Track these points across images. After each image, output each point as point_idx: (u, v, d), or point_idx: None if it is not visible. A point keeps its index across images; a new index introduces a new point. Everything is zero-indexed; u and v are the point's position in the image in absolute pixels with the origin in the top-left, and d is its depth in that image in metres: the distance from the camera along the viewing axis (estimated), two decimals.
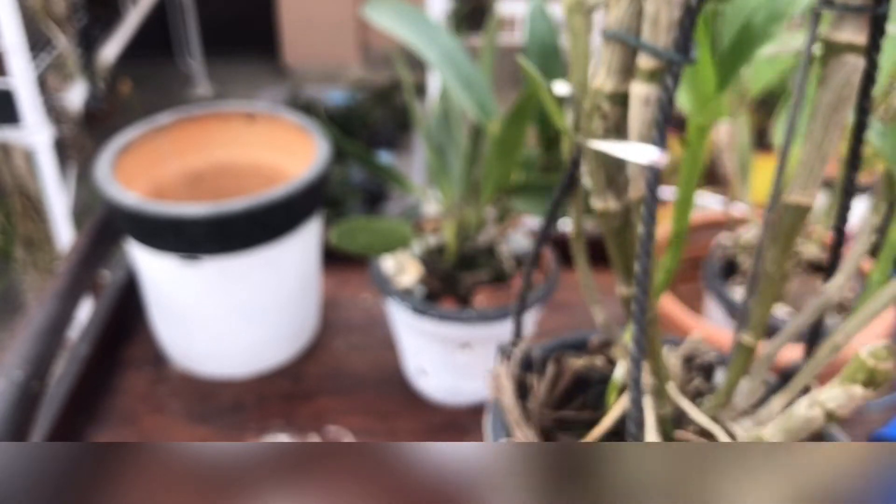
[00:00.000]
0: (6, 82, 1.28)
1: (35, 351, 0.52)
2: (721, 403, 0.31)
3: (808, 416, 0.26)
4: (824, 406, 0.25)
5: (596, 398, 0.34)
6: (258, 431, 0.58)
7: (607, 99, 0.26)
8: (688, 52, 0.24)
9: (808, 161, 0.26)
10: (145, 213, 0.53)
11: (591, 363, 0.36)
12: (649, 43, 0.24)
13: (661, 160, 0.25)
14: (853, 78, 0.24)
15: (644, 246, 0.25)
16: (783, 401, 0.30)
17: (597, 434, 0.31)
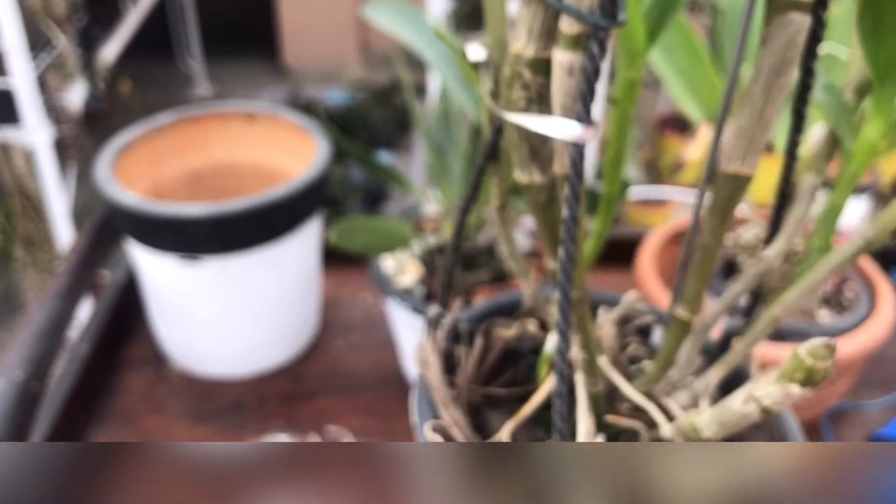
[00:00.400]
0: (6, 82, 1.28)
1: (35, 351, 0.52)
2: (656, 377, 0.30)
3: (744, 412, 0.25)
4: (760, 402, 0.24)
5: (527, 370, 0.33)
6: (258, 431, 0.58)
7: (528, 66, 0.23)
8: (615, 14, 0.21)
9: (747, 128, 0.24)
10: (145, 213, 0.53)
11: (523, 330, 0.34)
12: (572, 5, 0.22)
13: (587, 137, 0.22)
14: (798, 38, 0.22)
15: (568, 230, 0.23)
16: (719, 373, 0.29)
17: (525, 413, 0.29)
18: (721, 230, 0.26)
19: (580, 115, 0.22)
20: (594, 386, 0.29)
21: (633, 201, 1.57)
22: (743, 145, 0.24)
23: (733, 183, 0.25)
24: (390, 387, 0.61)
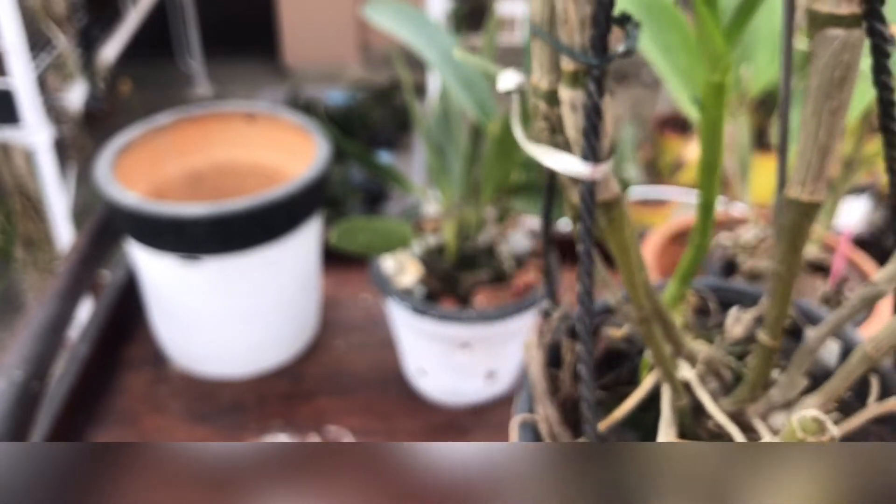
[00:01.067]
0: (6, 82, 1.28)
1: (35, 351, 0.52)
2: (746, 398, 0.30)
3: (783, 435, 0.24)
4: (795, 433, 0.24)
5: (631, 372, 0.32)
6: (258, 431, 0.58)
7: (544, 98, 0.23)
8: (605, 52, 0.21)
9: (804, 154, 0.23)
10: (145, 213, 0.53)
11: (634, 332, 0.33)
12: (564, 44, 0.21)
13: (595, 174, 0.22)
14: (844, 56, 0.21)
15: (584, 265, 0.23)
16: (818, 400, 0.28)
17: (618, 415, 0.29)
18: (791, 257, 0.26)
19: (586, 152, 0.22)
20: (678, 400, 0.29)
21: (633, 201, 1.57)
22: (803, 171, 0.23)
23: (796, 209, 0.24)
24: (390, 387, 0.61)
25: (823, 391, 0.28)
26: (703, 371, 0.30)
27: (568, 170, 0.23)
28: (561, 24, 0.21)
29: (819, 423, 0.22)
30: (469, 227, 0.55)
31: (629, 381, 0.32)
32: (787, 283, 0.27)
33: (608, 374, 0.33)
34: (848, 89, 0.21)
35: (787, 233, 0.25)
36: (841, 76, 0.21)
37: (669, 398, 0.29)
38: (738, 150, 0.58)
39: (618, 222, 0.25)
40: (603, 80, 0.21)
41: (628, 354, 0.33)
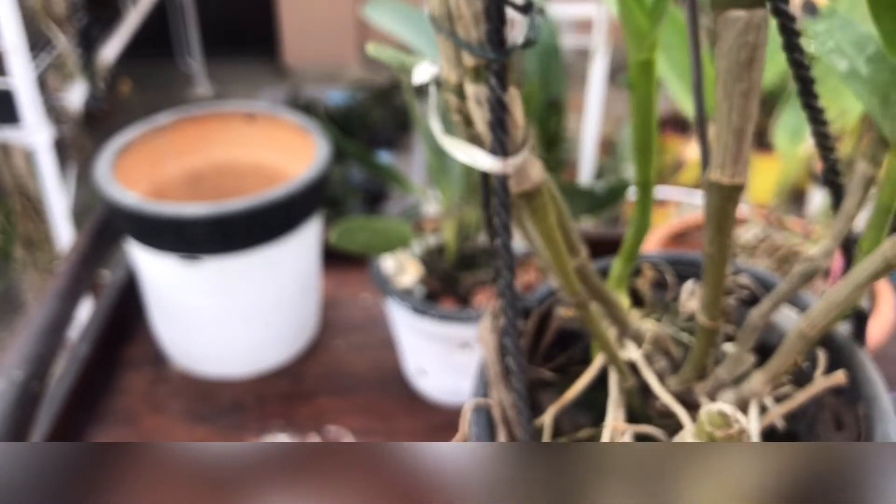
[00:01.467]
0: (6, 82, 1.28)
1: (35, 351, 0.52)
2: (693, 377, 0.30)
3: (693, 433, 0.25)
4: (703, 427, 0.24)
5: (583, 352, 0.32)
6: (258, 431, 0.58)
7: (454, 92, 0.23)
8: (502, 45, 0.20)
9: (721, 137, 0.23)
10: (145, 213, 0.53)
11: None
12: (461, 38, 0.21)
13: (505, 168, 0.22)
14: (750, 37, 0.20)
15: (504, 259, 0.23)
16: (764, 377, 0.28)
17: (569, 396, 0.29)
18: (719, 240, 0.26)
19: (495, 148, 0.21)
20: (624, 382, 0.29)
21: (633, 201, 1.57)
22: (721, 154, 0.23)
23: (719, 192, 0.24)
24: (390, 387, 0.61)
25: (768, 368, 0.28)
26: (650, 350, 0.30)
27: (478, 164, 0.22)
28: (457, 18, 0.20)
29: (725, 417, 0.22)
30: (469, 227, 0.55)
31: (582, 361, 0.31)
32: (719, 265, 0.26)
33: (561, 355, 0.32)
34: (756, 70, 0.21)
35: (713, 216, 0.25)
36: (748, 57, 0.20)
37: (616, 380, 0.29)
38: None
39: (541, 212, 0.25)
40: (504, 73, 0.21)
41: (581, 334, 0.33)
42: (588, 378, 0.30)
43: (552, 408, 0.29)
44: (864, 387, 0.28)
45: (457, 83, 0.22)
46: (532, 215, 0.25)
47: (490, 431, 0.28)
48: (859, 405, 0.27)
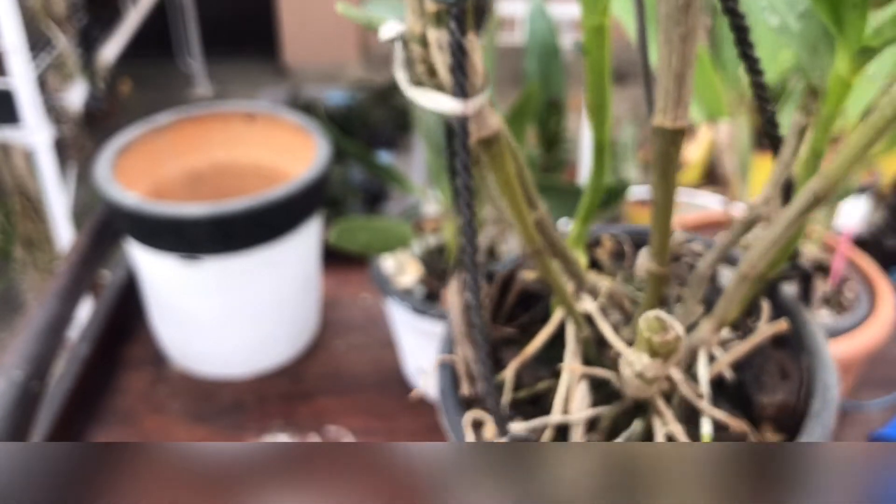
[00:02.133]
0: (6, 82, 1.28)
1: (35, 351, 0.52)
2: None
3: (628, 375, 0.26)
4: (633, 368, 0.25)
5: (544, 312, 0.33)
6: (258, 431, 0.58)
7: (418, 42, 0.24)
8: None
9: (662, 82, 0.24)
10: (145, 213, 0.53)
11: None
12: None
13: (467, 110, 0.23)
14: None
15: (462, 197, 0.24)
16: (712, 325, 0.29)
17: (529, 352, 0.30)
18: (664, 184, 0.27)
19: (455, 90, 0.23)
20: (581, 332, 0.30)
21: (632, 201, 1.57)
22: (663, 98, 0.24)
23: (662, 137, 0.25)
24: (390, 387, 0.61)
25: (714, 315, 0.29)
26: (604, 304, 0.31)
27: (441, 107, 0.24)
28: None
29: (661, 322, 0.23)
30: None
31: (543, 320, 0.32)
32: (665, 210, 0.27)
33: (523, 316, 0.33)
34: (693, 14, 0.22)
35: (657, 161, 0.26)
36: (685, 2, 0.22)
37: (573, 331, 0.30)
38: (738, 149, 0.58)
39: (499, 158, 0.26)
40: (463, 18, 0.22)
41: (542, 296, 0.34)
42: (547, 333, 0.31)
43: (513, 362, 0.30)
44: (807, 340, 0.29)
45: (420, 33, 0.24)
46: (491, 162, 0.26)
47: (454, 385, 0.29)
48: (802, 357, 0.29)
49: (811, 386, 0.28)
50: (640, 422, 0.28)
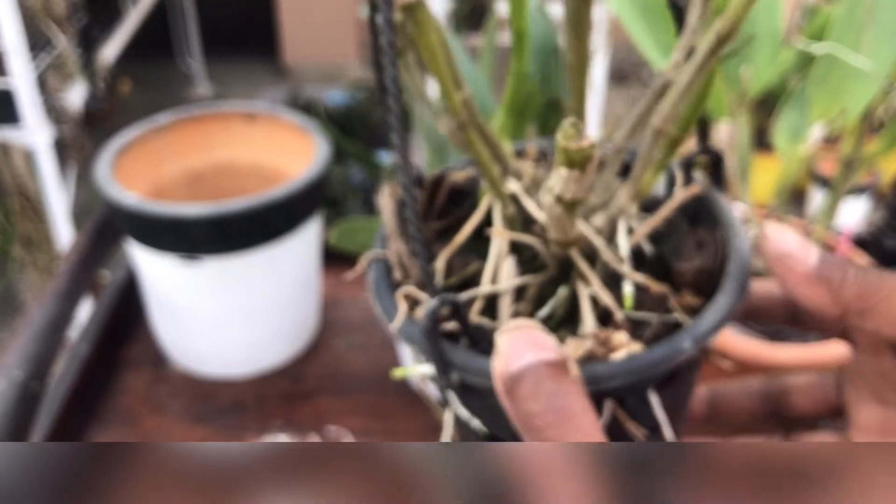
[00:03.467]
0: (6, 82, 1.29)
1: (35, 351, 0.52)
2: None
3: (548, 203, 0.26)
4: (552, 192, 0.25)
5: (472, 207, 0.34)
6: (258, 431, 0.58)
7: None
8: None
9: None
10: (145, 213, 0.53)
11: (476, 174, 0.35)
12: None
13: None
14: None
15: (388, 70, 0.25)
16: (629, 190, 0.30)
17: (457, 242, 0.31)
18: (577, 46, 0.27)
19: None
20: (506, 209, 0.31)
21: None
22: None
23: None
24: (390, 387, 0.61)
25: (630, 180, 0.30)
26: (528, 184, 0.32)
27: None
28: None
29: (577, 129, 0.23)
30: None
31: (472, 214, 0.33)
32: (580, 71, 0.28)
33: (454, 212, 0.34)
34: None
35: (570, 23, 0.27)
36: None
37: (499, 209, 0.31)
38: (738, 149, 0.58)
39: (424, 26, 0.26)
40: None
41: (470, 193, 0.35)
42: (476, 220, 0.32)
43: (444, 251, 0.31)
44: (720, 216, 0.30)
45: None
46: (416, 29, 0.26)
47: (387, 275, 0.30)
48: (717, 230, 0.30)
49: (725, 252, 0.29)
50: (565, 288, 0.29)
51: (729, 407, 0.33)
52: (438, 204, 0.35)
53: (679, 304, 0.28)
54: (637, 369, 0.25)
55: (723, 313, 0.26)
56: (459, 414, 0.28)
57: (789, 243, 0.27)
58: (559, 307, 0.29)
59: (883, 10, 0.43)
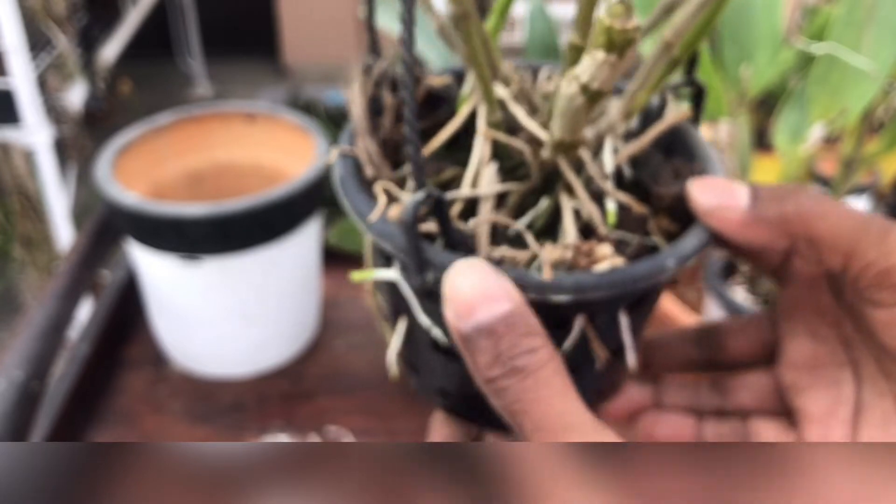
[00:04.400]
0: (6, 82, 1.29)
1: (35, 351, 0.52)
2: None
3: (569, 93, 0.24)
4: (579, 80, 0.24)
5: (449, 113, 0.33)
6: (258, 431, 0.58)
7: None
8: None
9: None
10: (145, 213, 0.53)
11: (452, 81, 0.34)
12: None
13: None
14: None
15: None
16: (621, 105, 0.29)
17: (435, 145, 0.31)
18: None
19: None
20: (492, 115, 0.30)
21: None
22: None
23: None
24: (390, 387, 0.61)
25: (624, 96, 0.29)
26: (516, 92, 0.31)
27: None
28: None
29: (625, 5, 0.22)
30: None
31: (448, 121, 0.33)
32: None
33: (429, 117, 0.34)
34: None
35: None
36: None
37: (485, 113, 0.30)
38: (738, 149, 0.58)
39: None
40: None
41: (448, 98, 0.34)
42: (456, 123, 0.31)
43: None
44: (697, 150, 0.31)
45: None
46: None
47: (357, 173, 0.29)
48: (695, 163, 0.30)
49: None
50: (547, 199, 0.29)
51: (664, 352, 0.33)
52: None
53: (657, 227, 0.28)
54: (620, 282, 0.25)
55: (702, 238, 0.27)
56: (421, 321, 0.28)
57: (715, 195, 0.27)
58: (539, 218, 0.29)
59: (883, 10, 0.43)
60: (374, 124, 0.31)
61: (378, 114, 0.32)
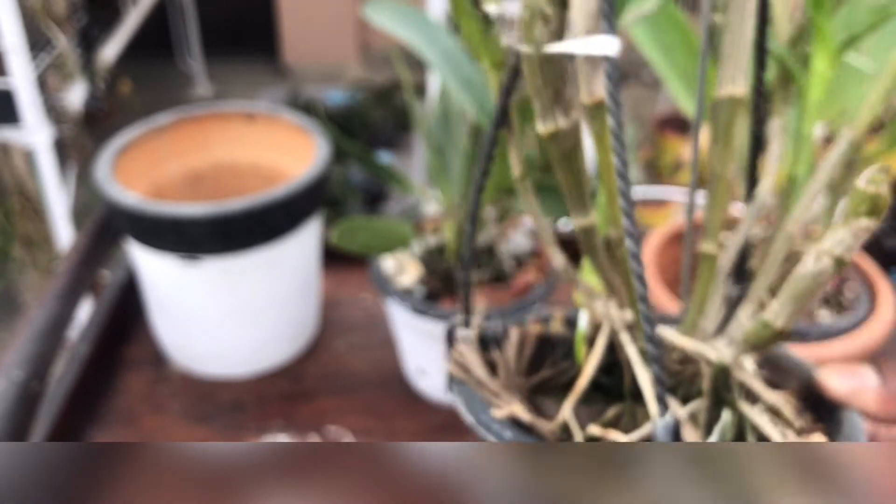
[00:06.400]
0: (6, 82, 1.28)
1: (35, 351, 0.52)
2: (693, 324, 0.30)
3: (817, 271, 0.23)
4: (832, 254, 0.23)
5: (564, 356, 0.33)
6: (258, 431, 0.58)
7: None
8: None
9: (729, 52, 0.26)
10: (145, 213, 0.53)
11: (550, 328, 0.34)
12: None
13: (616, 48, 0.24)
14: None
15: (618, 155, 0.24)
16: (750, 310, 0.29)
17: (578, 392, 0.30)
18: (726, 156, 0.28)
19: (605, 28, 0.24)
20: (639, 340, 0.30)
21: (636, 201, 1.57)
22: (730, 69, 0.26)
23: (729, 105, 0.27)
24: (390, 387, 0.61)
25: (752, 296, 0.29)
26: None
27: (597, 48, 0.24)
28: None
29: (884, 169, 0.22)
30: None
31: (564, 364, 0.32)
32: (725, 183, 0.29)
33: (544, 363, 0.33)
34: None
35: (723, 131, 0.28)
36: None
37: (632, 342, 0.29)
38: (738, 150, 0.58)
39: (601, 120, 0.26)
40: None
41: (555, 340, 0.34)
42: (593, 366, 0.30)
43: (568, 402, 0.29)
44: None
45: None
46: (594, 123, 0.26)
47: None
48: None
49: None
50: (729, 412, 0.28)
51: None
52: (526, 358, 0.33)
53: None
54: None
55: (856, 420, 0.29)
56: None
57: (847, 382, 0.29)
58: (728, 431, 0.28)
59: None
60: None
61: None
